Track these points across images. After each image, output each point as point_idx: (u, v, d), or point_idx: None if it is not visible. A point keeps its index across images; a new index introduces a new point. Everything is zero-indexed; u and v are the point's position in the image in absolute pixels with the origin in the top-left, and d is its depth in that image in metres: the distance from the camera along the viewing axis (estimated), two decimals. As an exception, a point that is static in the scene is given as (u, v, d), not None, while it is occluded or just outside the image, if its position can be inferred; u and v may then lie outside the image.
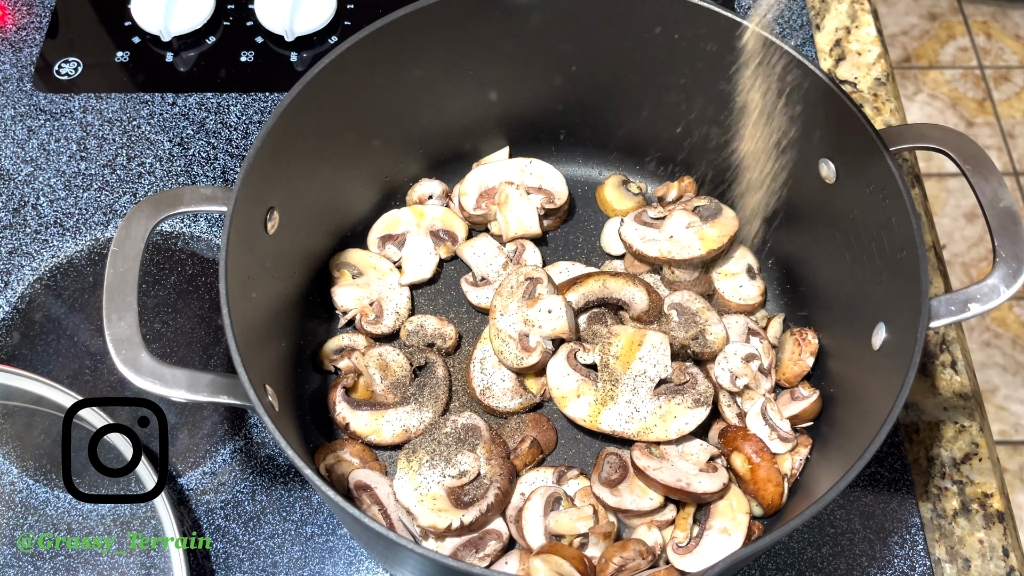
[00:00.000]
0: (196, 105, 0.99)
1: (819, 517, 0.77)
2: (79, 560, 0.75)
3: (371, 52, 0.74)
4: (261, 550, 0.76)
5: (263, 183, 0.69)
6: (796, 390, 0.79)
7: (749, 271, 0.85)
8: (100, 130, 0.97)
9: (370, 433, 0.77)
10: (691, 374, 0.77)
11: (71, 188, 0.93)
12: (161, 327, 0.86)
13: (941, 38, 2.34)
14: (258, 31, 1.04)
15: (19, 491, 0.78)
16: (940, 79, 2.27)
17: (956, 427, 0.83)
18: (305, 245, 0.82)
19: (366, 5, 1.05)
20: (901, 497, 0.78)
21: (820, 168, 0.75)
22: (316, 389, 0.81)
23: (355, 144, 0.81)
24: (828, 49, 1.05)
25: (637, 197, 0.90)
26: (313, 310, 0.84)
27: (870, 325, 0.70)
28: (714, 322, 0.80)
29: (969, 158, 0.68)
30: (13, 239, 0.91)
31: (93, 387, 0.83)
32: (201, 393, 0.61)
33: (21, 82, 1.00)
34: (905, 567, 0.75)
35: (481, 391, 0.79)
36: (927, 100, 2.24)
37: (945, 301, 0.64)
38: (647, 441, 0.74)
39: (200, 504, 0.78)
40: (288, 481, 0.79)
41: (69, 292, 0.88)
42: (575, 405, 0.76)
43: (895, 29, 2.35)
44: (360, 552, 0.76)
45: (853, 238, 0.73)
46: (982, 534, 0.78)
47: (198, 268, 0.89)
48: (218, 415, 0.82)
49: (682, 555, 0.71)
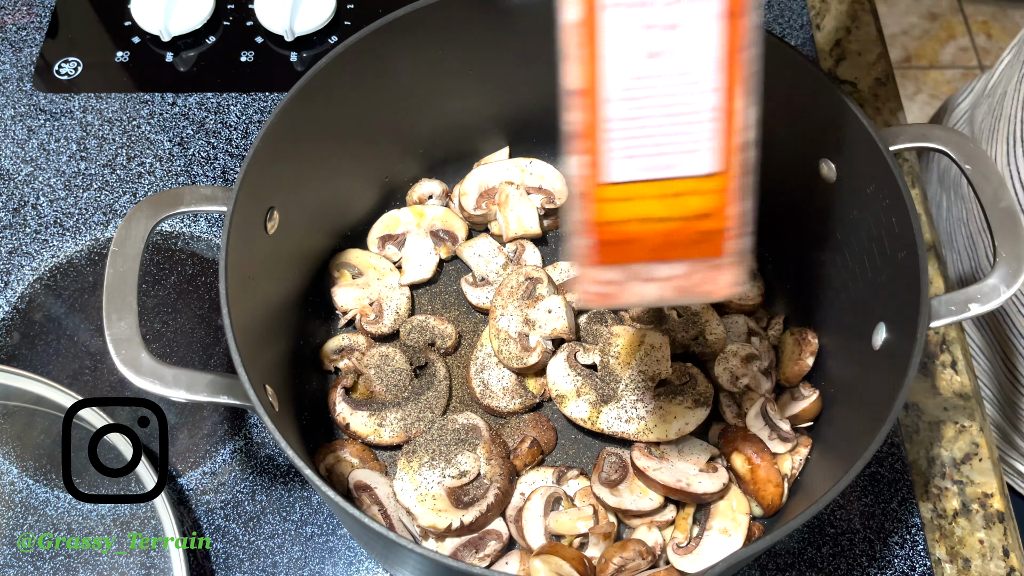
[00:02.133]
0: (196, 105, 0.99)
1: (819, 517, 0.77)
2: (79, 560, 0.75)
3: (371, 52, 0.74)
4: (261, 550, 0.76)
5: (263, 183, 0.69)
6: (796, 390, 0.79)
7: (749, 271, 0.85)
8: (100, 130, 0.97)
9: (370, 433, 0.77)
10: (691, 374, 0.77)
11: (71, 188, 0.93)
12: (161, 327, 0.86)
13: (941, 38, 2.34)
14: (258, 31, 1.04)
15: (18, 491, 0.78)
16: (940, 79, 2.27)
17: (956, 427, 0.83)
18: (305, 245, 0.82)
19: (366, 5, 1.05)
20: (901, 497, 0.78)
21: (820, 168, 0.74)
22: (316, 389, 0.81)
23: (355, 144, 0.81)
24: (828, 49, 1.05)
25: (637, 197, 0.90)
26: (313, 310, 0.84)
27: (870, 325, 0.70)
28: (714, 322, 0.80)
29: (969, 158, 0.68)
30: (13, 239, 0.91)
31: (93, 387, 0.83)
32: (201, 393, 0.61)
33: (21, 82, 1.00)
34: (905, 567, 0.75)
35: (481, 391, 0.79)
36: (927, 100, 2.24)
37: (945, 301, 0.64)
38: (647, 441, 0.74)
39: (200, 504, 0.78)
40: (288, 481, 0.79)
41: (69, 292, 0.88)
42: (575, 405, 0.76)
43: (895, 29, 2.35)
44: (360, 552, 0.76)
45: (853, 238, 0.73)
46: (982, 534, 0.78)
47: (198, 268, 0.89)
48: (218, 415, 0.82)
49: (682, 555, 0.71)
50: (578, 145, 0.43)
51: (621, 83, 0.41)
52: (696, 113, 0.42)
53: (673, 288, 0.46)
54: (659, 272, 0.46)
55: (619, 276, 0.46)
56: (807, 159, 0.75)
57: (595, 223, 0.45)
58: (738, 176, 0.44)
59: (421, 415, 0.77)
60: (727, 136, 0.42)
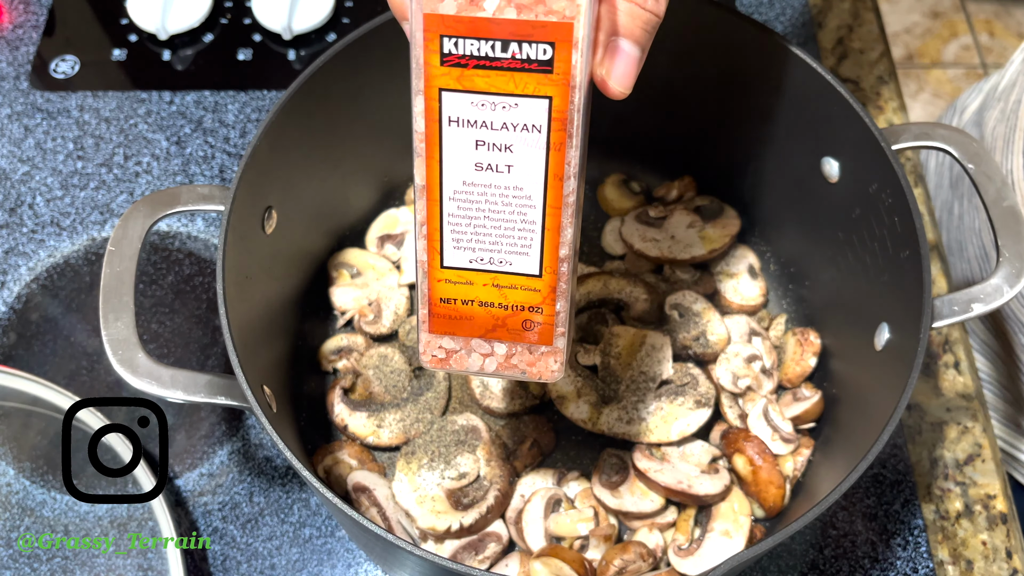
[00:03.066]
0: (193, 103, 0.98)
1: (821, 519, 0.77)
2: (76, 562, 0.74)
3: (370, 50, 0.74)
4: (259, 552, 0.75)
5: (261, 182, 0.68)
6: (798, 391, 0.78)
7: (751, 271, 0.84)
8: (97, 129, 0.96)
9: (369, 434, 0.76)
10: (692, 375, 0.76)
11: (68, 187, 0.93)
12: (158, 327, 0.85)
13: (944, 36, 2.34)
14: (256, 29, 1.03)
15: (15, 492, 0.77)
16: (943, 77, 2.27)
17: (959, 428, 0.82)
18: (303, 245, 0.81)
19: (365, 3, 1.05)
20: (904, 499, 0.78)
21: (822, 167, 0.74)
22: (314, 390, 0.81)
23: (354, 143, 0.80)
24: (830, 47, 1.04)
25: (638, 196, 0.89)
26: (311, 310, 0.83)
27: (873, 325, 0.69)
28: (716, 322, 0.79)
29: (972, 157, 0.67)
30: (9, 238, 0.90)
31: (90, 387, 0.82)
32: (198, 394, 0.60)
33: (17, 80, 1.00)
34: (908, 569, 0.75)
35: (480, 392, 0.78)
36: (930, 99, 2.23)
37: (948, 301, 0.63)
38: (648, 443, 0.74)
39: (197, 506, 0.77)
40: (286, 483, 0.78)
41: (66, 292, 0.87)
42: (575, 406, 0.75)
43: (898, 27, 2.35)
44: (359, 554, 0.75)
45: (856, 237, 0.73)
46: (985, 536, 0.78)
47: (195, 268, 0.89)
48: (215, 416, 0.82)
49: (683, 557, 0.70)
50: (421, 230, 0.50)
51: (453, 185, 0.49)
52: (526, 223, 0.49)
53: (503, 365, 0.53)
54: (491, 348, 0.53)
55: (456, 346, 0.53)
56: (809, 158, 0.75)
57: (433, 298, 0.52)
58: (558, 281, 0.50)
59: (420, 416, 0.77)
60: (551, 246, 0.49)
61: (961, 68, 2.28)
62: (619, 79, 0.47)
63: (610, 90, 0.47)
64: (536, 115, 0.46)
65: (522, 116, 0.46)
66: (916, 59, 2.30)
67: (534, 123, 0.46)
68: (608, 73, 0.47)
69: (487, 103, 0.46)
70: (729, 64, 0.75)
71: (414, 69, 0.47)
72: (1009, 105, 0.87)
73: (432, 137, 0.48)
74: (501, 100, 0.46)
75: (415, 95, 0.47)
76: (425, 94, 0.47)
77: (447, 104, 0.47)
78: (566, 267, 0.50)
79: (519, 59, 0.45)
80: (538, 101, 0.46)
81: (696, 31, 0.74)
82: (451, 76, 0.46)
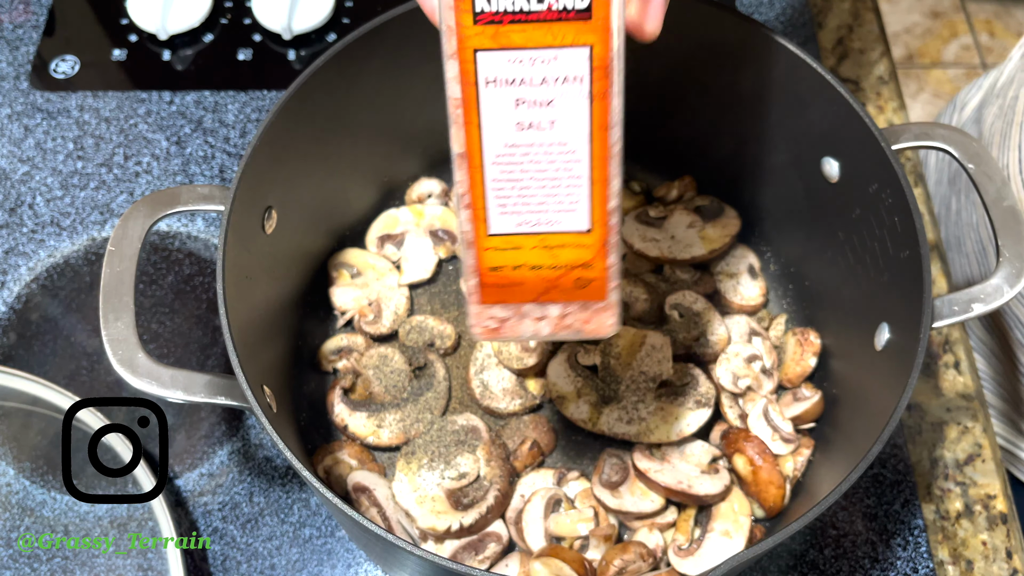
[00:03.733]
0: (193, 103, 0.98)
1: (821, 519, 0.77)
2: (76, 562, 0.74)
3: (370, 50, 0.74)
4: (259, 552, 0.75)
5: (261, 182, 0.68)
6: (798, 391, 0.78)
7: (751, 271, 0.84)
8: (97, 129, 0.96)
9: (369, 434, 0.76)
10: (692, 375, 0.76)
11: (68, 187, 0.93)
12: (158, 327, 0.85)
13: (944, 36, 2.34)
14: (256, 29, 1.03)
15: (15, 492, 0.77)
16: (943, 77, 2.27)
17: (959, 428, 0.82)
18: (303, 245, 0.81)
19: (365, 3, 1.05)
20: (904, 499, 0.78)
21: (823, 167, 0.74)
22: (314, 390, 0.81)
23: (354, 143, 0.80)
24: (830, 47, 1.04)
25: (638, 196, 0.89)
26: (311, 310, 0.83)
27: (873, 325, 0.69)
28: (716, 323, 0.79)
29: (972, 156, 0.67)
30: (9, 239, 0.90)
31: (90, 388, 0.82)
32: (198, 394, 0.60)
33: (17, 80, 1.00)
34: (908, 569, 0.75)
35: (481, 392, 0.78)
36: (930, 99, 2.23)
37: (948, 301, 0.63)
38: (648, 443, 0.74)
39: (197, 506, 0.77)
40: (286, 483, 0.78)
41: (66, 292, 0.87)
42: (575, 406, 0.75)
43: (898, 27, 2.35)
44: (359, 554, 0.75)
45: (856, 237, 0.73)
46: (985, 536, 0.78)
47: (195, 268, 0.89)
48: (215, 416, 0.81)
49: (683, 557, 0.70)
50: (463, 200, 0.49)
51: (495, 150, 0.47)
52: (572, 178, 0.48)
53: (558, 326, 0.52)
54: (544, 312, 0.52)
55: (507, 314, 0.52)
56: (809, 158, 0.75)
57: (481, 268, 0.51)
58: (609, 234, 0.50)
59: (420, 416, 0.77)
60: (600, 199, 0.48)
61: (961, 68, 2.28)
62: (652, 19, 0.46)
63: (645, 31, 0.46)
64: (577, 66, 0.45)
65: (563, 68, 0.45)
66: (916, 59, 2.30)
67: (576, 74, 0.45)
68: (642, 14, 0.46)
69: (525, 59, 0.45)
70: (729, 64, 0.75)
71: (444, 32, 0.45)
72: (1007, 101, 0.87)
73: (469, 101, 0.46)
74: (540, 54, 0.45)
75: (447, 59, 0.46)
76: (459, 56, 0.45)
77: (483, 65, 0.45)
78: (615, 219, 0.49)
79: (556, 9, 0.44)
80: (578, 51, 0.45)
81: (696, 31, 0.74)
82: (485, 35, 0.45)
